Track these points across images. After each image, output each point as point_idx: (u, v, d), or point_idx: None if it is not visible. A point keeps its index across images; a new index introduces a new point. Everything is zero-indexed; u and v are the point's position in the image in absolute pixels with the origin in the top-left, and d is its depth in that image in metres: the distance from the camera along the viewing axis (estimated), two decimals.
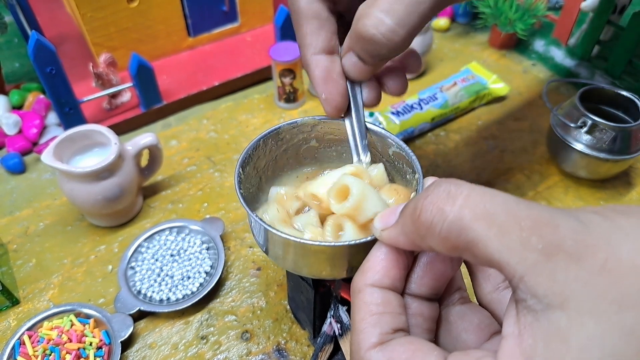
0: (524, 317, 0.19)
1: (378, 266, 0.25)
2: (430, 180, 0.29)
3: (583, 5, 0.74)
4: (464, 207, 0.20)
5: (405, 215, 0.23)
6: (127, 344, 0.47)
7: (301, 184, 0.39)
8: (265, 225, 0.32)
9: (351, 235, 0.33)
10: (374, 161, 0.38)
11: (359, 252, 0.33)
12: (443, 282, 0.26)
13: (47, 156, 0.51)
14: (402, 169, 0.37)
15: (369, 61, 0.33)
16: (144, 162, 0.59)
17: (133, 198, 0.57)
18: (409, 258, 0.26)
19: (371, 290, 0.25)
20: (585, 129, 0.57)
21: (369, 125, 0.38)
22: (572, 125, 0.57)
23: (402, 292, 0.26)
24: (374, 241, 0.32)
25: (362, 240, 0.31)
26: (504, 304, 0.26)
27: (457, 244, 0.20)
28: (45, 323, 0.48)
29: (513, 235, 0.19)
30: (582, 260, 0.18)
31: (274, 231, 0.32)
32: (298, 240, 0.32)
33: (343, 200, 0.31)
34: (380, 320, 0.23)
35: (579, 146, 0.57)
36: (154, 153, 0.58)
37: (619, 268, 0.17)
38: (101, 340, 0.46)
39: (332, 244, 0.32)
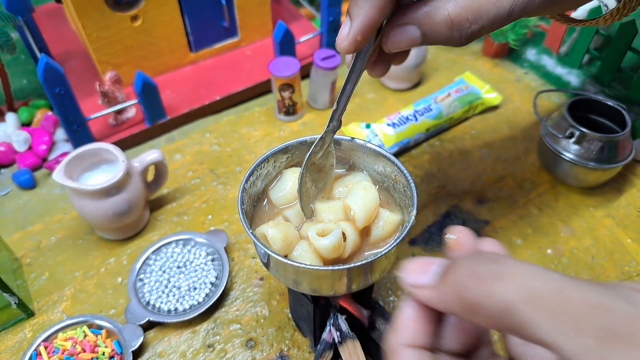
0: None
1: (411, 325, 0.25)
2: (465, 239, 0.27)
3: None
4: (512, 289, 0.20)
5: (448, 285, 0.23)
6: (137, 353, 0.50)
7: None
8: (265, 249, 0.35)
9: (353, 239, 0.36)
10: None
11: (359, 272, 0.36)
12: (474, 338, 0.27)
13: (58, 175, 0.53)
14: (402, 191, 0.40)
15: (430, 42, 0.34)
16: (150, 176, 0.61)
17: (140, 212, 0.59)
18: (440, 312, 0.26)
19: (407, 352, 0.25)
20: (573, 139, 0.59)
21: (378, 149, 0.41)
22: (560, 136, 0.59)
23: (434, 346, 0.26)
24: (370, 262, 0.34)
25: (361, 263, 0.34)
26: (532, 357, 0.26)
27: (505, 326, 0.21)
28: (60, 334, 0.50)
29: (565, 320, 0.19)
30: (635, 345, 0.18)
31: (274, 255, 0.34)
32: (297, 265, 0.34)
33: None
34: None
35: (568, 156, 0.60)
36: (160, 168, 0.60)
37: None
38: (113, 350, 0.49)
39: (331, 268, 0.34)
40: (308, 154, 0.40)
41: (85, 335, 0.50)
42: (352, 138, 0.42)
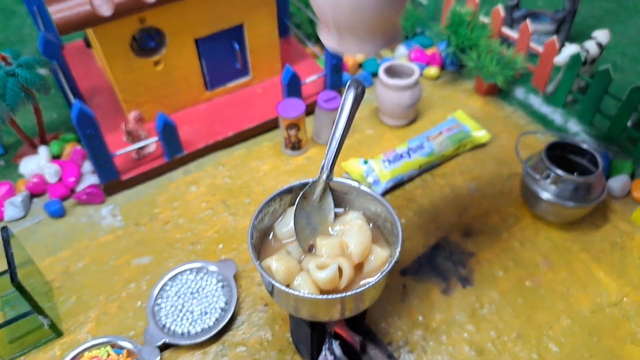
0: None
1: None
2: None
3: (556, 60, 0.82)
4: None
5: None
6: None
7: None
8: (270, 279, 0.41)
9: (348, 273, 0.42)
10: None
11: (350, 300, 0.42)
12: None
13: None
14: (389, 229, 0.46)
15: None
16: None
17: None
18: None
19: None
20: (549, 180, 0.65)
21: (370, 191, 0.47)
22: (538, 177, 0.65)
23: None
24: (361, 292, 0.41)
25: (352, 293, 0.40)
26: None
27: None
28: (86, 353, 0.57)
29: None
30: None
31: (277, 285, 0.41)
32: (297, 294, 0.40)
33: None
34: None
35: (545, 195, 0.65)
36: None
37: None
38: None
39: (327, 297, 0.40)
40: (299, 196, 0.47)
41: (109, 355, 0.56)
42: (348, 181, 0.48)
